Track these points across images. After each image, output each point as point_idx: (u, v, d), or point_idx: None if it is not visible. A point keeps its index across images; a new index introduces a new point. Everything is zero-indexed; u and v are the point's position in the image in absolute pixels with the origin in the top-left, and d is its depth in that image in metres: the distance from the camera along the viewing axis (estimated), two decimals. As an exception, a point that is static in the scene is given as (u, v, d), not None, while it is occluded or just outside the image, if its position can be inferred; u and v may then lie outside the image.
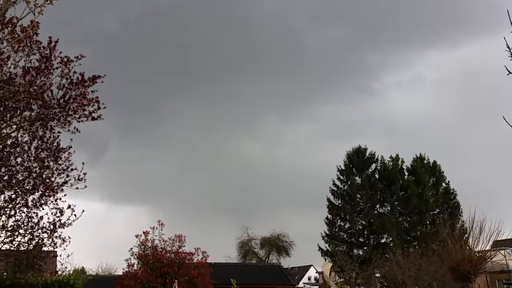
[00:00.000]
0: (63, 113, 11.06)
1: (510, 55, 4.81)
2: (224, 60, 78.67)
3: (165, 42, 76.89)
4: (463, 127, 73.69)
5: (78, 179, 11.65)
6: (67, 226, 11.94)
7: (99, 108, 11.28)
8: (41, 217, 11.78)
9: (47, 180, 11.52)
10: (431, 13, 75.36)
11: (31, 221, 11.67)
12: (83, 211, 12.05)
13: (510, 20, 4.74)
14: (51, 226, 11.81)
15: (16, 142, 11.01)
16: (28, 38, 9.69)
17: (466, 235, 23.00)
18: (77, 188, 11.72)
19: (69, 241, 12.13)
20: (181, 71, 76.51)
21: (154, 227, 20.39)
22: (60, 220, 11.85)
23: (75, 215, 11.88)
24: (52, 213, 11.82)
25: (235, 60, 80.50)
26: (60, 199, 11.81)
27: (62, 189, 11.71)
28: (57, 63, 10.76)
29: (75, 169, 11.71)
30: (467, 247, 21.29)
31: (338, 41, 76.32)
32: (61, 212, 11.81)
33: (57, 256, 13.60)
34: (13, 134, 11.02)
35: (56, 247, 12.21)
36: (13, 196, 11.31)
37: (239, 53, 78.85)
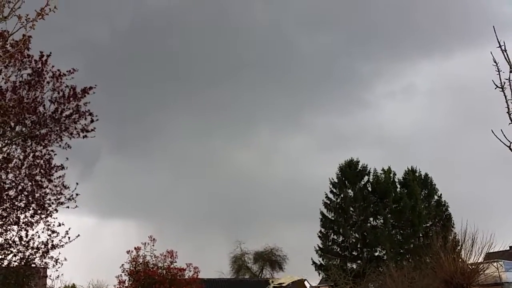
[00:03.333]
0: (56, 128, 11.01)
1: (497, 70, 4.90)
2: (216, 68, 78.76)
3: (156, 51, 76.86)
4: (456, 138, 74.22)
5: (69, 199, 11.57)
6: (59, 248, 11.77)
7: (92, 121, 11.26)
8: (33, 236, 11.57)
9: (40, 199, 11.39)
10: (424, 23, 76.23)
11: (22, 239, 11.47)
12: (78, 235, 11.95)
13: (496, 36, 4.85)
14: (44, 247, 11.62)
15: (7, 157, 10.89)
16: (19, 52, 9.68)
17: (459, 248, 23.06)
18: (68, 207, 11.65)
19: (62, 264, 11.93)
20: (173, 79, 76.42)
21: (145, 243, 20.18)
22: (52, 241, 11.67)
23: (68, 237, 11.76)
24: (44, 232, 11.64)
25: (227, 68, 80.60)
26: (51, 215, 11.66)
27: (56, 210, 11.60)
28: (49, 77, 10.75)
29: (68, 187, 11.63)
30: (460, 260, 21.33)
31: (330, 49, 76.88)
32: (53, 232, 11.63)
33: (47, 276, 13.36)
34: (4, 149, 10.92)
35: (48, 268, 12.02)
36: (4, 214, 11.13)
37: (231, 61, 78.96)
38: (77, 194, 11.61)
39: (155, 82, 75.55)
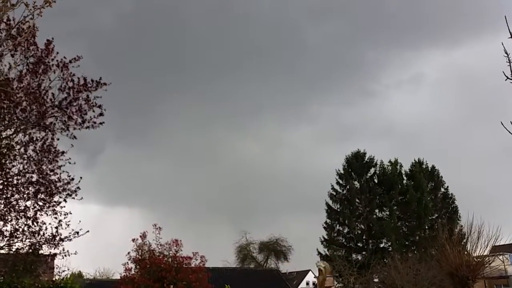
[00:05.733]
0: (64, 118, 11.00)
1: (508, 61, 4.81)
2: (221, 57, 78.48)
3: (161, 39, 76.62)
4: (464, 130, 73.69)
5: (74, 191, 11.66)
6: (67, 241, 11.90)
7: (101, 114, 11.20)
8: (41, 226, 11.67)
9: (48, 188, 11.47)
10: (433, 11, 75.17)
11: (30, 227, 11.58)
12: (88, 231, 12.10)
13: (508, 27, 4.75)
14: (52, 239, 11.75)
15: (11, 143, 10.91)
16: (26, 40, 9.67)
17: (465, 240, 22.96)
18: (73, 198, 11.74)
19: (70, 254, 12.10)
20: (178, 68, 76.29)
21: (150, 231, 20.29)
22: (60, 234, 11.79)
23: (77, 232, 11.89)
24: (52, 223, 11.75)
25: (232, 57, 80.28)
26: (59, 204, 11.75)
27: (65, 200, 11.71)
28: (55, 66, 10.69)
29: (73, 179, 11.70)
30: (466, 252, 21.24)
31: (338, 38, 76.15)
32: (60, 221, 11.74)
33: (53, 267, 13.50)
34: (12, 137, 10.96)
35: (56, 258, 12.19)
36: (12, 201, 11.23)
37: (236, 50, 78.70)
38: (79, 188, 11.69)
39: (160, 73, 75.52)
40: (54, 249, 11.90)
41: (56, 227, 11.76)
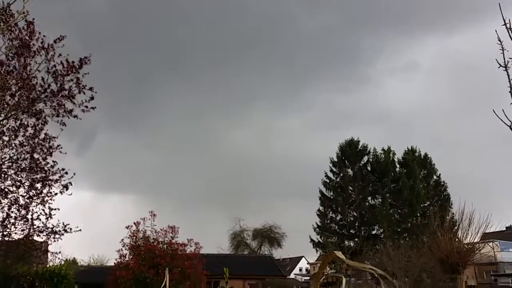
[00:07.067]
0: (54, 104, 10.86)
1: (501, 49, 4.82)
2: (217, 46, 77.89)
3: (155, 26, 75.73)
4: (456, 117, 73.97)
5: (65, 186, 11.59)
6: (58, 236, 11.86)
7: (92, 98, 11.05)
8: (33, 216, 11.61)
9: (42, 178, 11.38)
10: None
11: (24, 217, 11.52)
12: (80, 229, 12.05)
13: (502, 14, 4.74)
14: (45, 229, 11.71)
15: (1, 130, 10.79)
16: (14, 24, 9.50)
17: (456, 228, 23.25)
18: (61, 193, 11.65)
19: (61, 258, 12.11)
20: (173, 57, 75.67)
21: (145, 218, 20.34)
22: (52, 225, 11.75)
23: (70, 228, 11.86)
24: (43, 213, 11.68)
25: (228, 46, 79.73)
26: (52, 197, 11.68)
27: (55, 194, 11.64)
28: (39, 47, 10.46)
29: (67, 173, 11.61)
30: (457, 239, 21.51)
31: (333, 25, 75.76)
32: (51, 212, 11.69)
33: (48, 251, 13.49)
34: (4, 122, 10.82)
35: (48, 250, 12.21)
36: (6, 190, 11.15)
37: (232, 39, 78.06)
38: (70, 184, 11.61)
39: (153, 59, 74.77)
40: (47, 239, 11.88)
41: (47, 218, 11.70)
